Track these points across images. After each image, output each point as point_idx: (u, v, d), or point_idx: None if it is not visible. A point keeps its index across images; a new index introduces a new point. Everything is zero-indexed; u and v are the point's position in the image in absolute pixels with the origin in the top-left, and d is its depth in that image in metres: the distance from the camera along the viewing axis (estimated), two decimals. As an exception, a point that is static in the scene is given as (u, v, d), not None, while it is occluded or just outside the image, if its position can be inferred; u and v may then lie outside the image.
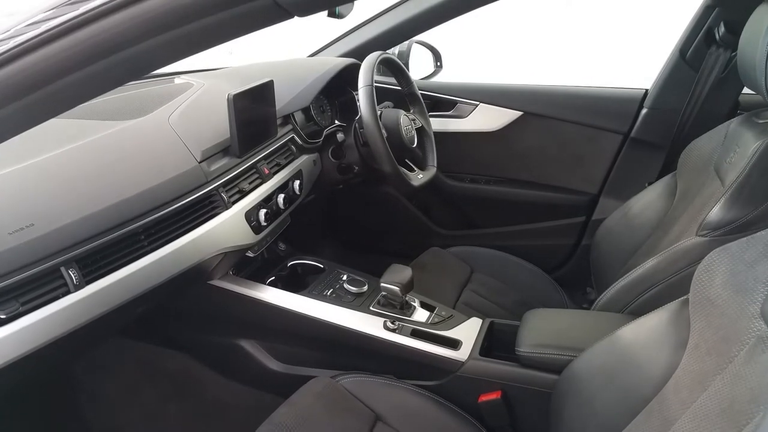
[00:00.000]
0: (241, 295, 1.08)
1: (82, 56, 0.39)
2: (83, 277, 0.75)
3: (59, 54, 0.39)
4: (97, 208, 0.78)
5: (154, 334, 1.23)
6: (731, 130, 1.04)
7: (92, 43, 0.39)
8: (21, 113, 0.42)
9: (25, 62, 0.40)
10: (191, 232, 0.91)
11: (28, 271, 0.69)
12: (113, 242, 0.79)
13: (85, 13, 0.39)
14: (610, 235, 1.27)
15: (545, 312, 1.04)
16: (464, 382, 0.95)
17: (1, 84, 0.39)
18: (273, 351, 1.15)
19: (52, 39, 0.39)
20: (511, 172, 1.61)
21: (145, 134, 0.94)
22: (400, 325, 1.03)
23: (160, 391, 1.23)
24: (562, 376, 0.81)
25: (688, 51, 1.31)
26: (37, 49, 0.39)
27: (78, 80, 0.40)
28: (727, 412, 0.54)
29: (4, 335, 0.66)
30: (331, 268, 1.23)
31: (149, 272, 0.83)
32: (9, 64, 0.39)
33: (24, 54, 0.39)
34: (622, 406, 0.70)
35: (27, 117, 0.44)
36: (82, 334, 0.77)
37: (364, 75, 1.22)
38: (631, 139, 1.45)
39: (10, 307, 0.68)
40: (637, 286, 0.96)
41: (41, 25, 0.39)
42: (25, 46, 0.39)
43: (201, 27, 0.39)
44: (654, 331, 0.73)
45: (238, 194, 1.04)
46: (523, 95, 1.55)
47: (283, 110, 1.23)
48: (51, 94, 0.41)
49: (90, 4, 0.37)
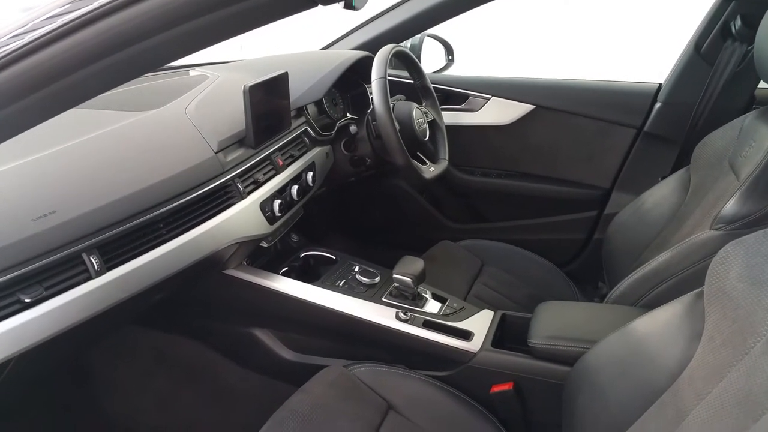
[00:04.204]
0: (255, 284, 1.10)
1: (101, 48, 0.40)
2: (104, 263, 0.76)
3: (78, 46, 0.40)
4: (118, 197, 0.79)
5: (170, 323, 1.25)
6: (747, 125, 1.03)
7: (113, 35, 0.40)
8: (41, 104, 0.43)
9: (43, 55, 0.41)
10: (208, 221, 0.93)
11: (51, 257, 0.71)
12: (133, 230, 0.80)
13: (107, 4, 0.39)
14: (623, 230, 1.26)
15: (558, 304, 1.05)
16: (476, 373, 0.96)
17: (21, 77, 0.40)
18: (286, 340, 1.16)
19: (72, 31, 0.40)
20: (523, 166, 1.61)
21: (163, 125, 0.95)
22: (412, 316, 1.04)
23: (175, 378, 1.25)
24: (575, 368, 0.82)
25: (704, 45, 1.30)
26: (54, 42, 0.40)
27: (98, 71, 0.41)
28: (743, 404, 0.54)
29: (28, 319, 0.68)
30: (343, 260, 1.24)
31: (167, 260, 0.85)
32: (28, 58, 0.40)
33: (42, 47, 0.40)
34: (635, 398, 0.71)
35: (45, 108, 0.45)
36: (102, 320, 0.78)
37: (378, 67, 1.22)
38: (644, 134, 1.45)
39: (34, 291, 0.69)
40: (650, 279, 0.96)
41: (57, 19, 0.40)
42: (43, 40, 0.40)
43: (228, 15, 0.40)
44: (668, 324, 0.73)
45: (253, 185, 1.06)
46: (536, 89, 1.54)
47: (297, 102, 1.24)
48: (69, 86, 0.42)
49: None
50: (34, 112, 0.44)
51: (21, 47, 0.40)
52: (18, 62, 0.41)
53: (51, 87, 0.42)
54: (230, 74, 1.23)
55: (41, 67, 0.40)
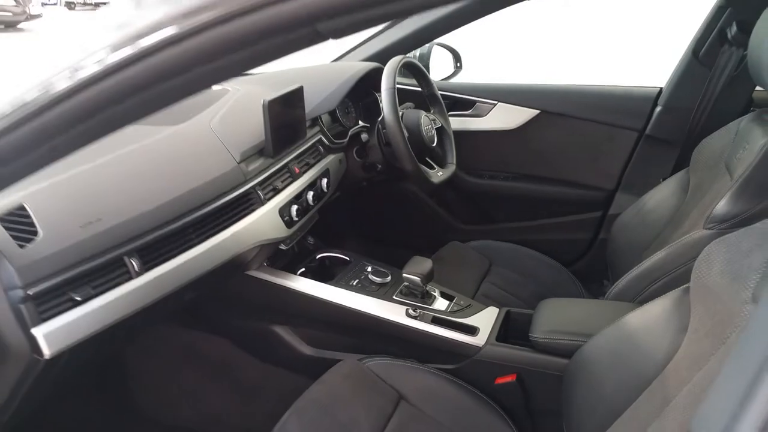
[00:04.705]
0: (275, 284, 1.17)
1: (151, 79, 0.47)
2: (143, 265, 0.85)
3: (129, 80, 0.47)
4: (154, 205, 0.87)
5: (197, 320, 1.33)
6: (742, 127, 1.08)
7: (159, 69, 0.47)
8: (100, 124, 0.51)
9: (106, 84, 0.48)
10: (232, 226, 1.01)
11: (97, 260, 0.79)
12: (167, 235, 0.88)
13: (158, 44, 0.46)
14: (626, 230, 1.31)
15: (558, 301, 1.10)
16: (481, 365, 1.02)
17: (120, 86, 0.46)
18: (304, 336, 1.23)
19: (125, 66, 0.47)
20: (529, 168, 1.66)
21: (191, 138, 1.04)
22: (421, 313, 1.10)
23: (201, 373, 1.33)
24: (573, 359, 0.87)
25: (701, 50, 1.34)
26: (114, 73, 0.48)
27: (144, 100, 0.49)
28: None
29: (79, 315, 0.76)
30: (356, 260, 1.31)
31: (197, 262, 0.93)
32: (126, 69, 0.47)
33: (106, 76, 0.48)
34: (628, 387, 0.75)
35: (103, 128, 0.53)
36: (140, 317, 0.87)
37: (387, 79, 1.29)
38: (645, 136, 1.49)
39: (83, 291, 0.78)
40: (647, 277, 1.01)
41: (142, 42, 0.46)
42: (109, 69, 0.47)
43: (251, 54, 0.47)
44: (658, 317, 0.78)
45: (272, 192, 1.13)
46: (540, 94, 1.59)
47: (312, 113, 1.31)
48: (122, 113, 0.49)
49: (182, 25, 0.44)
50: (93, 132, 0.51)
51: (114, 64, 0.46)
52: (81, 92, 0.48)
53: (106, 112, 0.49)
54: (250, 87, 1.32)
55: (106, 93, 0.47)
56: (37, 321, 0.73)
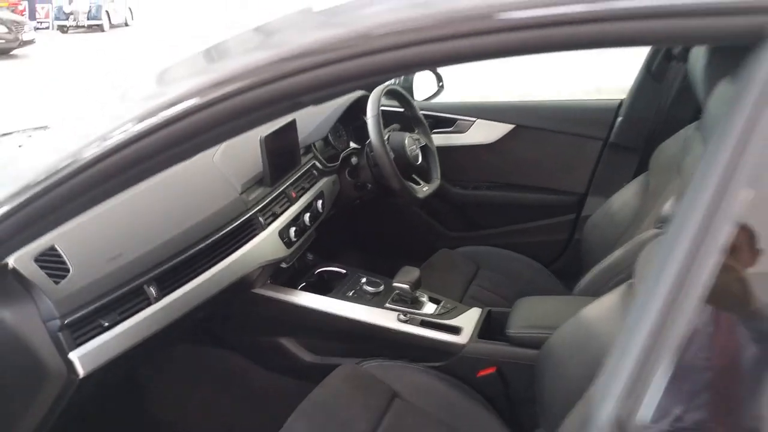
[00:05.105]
0: (278, 299, 1.29)
1: (183, 137, 0.59)
2: (160, 291, 0.97)
3: (163, 139, 0.58)
4: (166, 238, 1.00)
5: (208, 337, 1.45)
6: (690, 134, 1.20)
7: (189, 131, 0.58)
8: (134, 175, 0.62)
9: (142, 144, 0.60)
10: (237, 251, 1.13)
11: (121, 290, 0.91)
12: (180, 263, 1.01)
13: (187, 110, 0.58)
14: (596, 230, 1.43)
15: (533, 299, 1.22)
16: (465, 361, 1.13)
17: (185, 129, 0.56)
18: (307, 345, 1.34)
19: (158, 129, 0.58)
20: (508, 178, 1.79)
21: (196, 173, 1.16)
22: (411, 317, 1.22)
23: (212, 384, 1.44)
24: (542, 350, 0.98)
25: (653, 66, 1.48)
26: (148, 136, 0.59)
27: (168, 157, 0.61)
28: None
29: (109, 338, 0.88)
30: (352, 272, 1.43)
31: (207, 285, 1.05)
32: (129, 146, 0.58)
33: (143, 137, 0.59)
34: (588, 371, 0.85)
35: (135, 179, 0.64)
36: (159, 337, 0.98)
37: (371, 107, 1.43)
38: (610, 144, 1.62)
39: (111, 317, 0.90)
40: (607, 273, 1.13)
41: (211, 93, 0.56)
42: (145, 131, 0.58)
43: (251, 119, 0.59)
44: (609, 309, 0.89)
45: (272, 217, 1.26)
46: (515, 110, 1.73)
47: (305, 141, 1.44)
48: (152, 166, 0.62)
49: (224, 89, 0.55)
50: (127, 182, 0.63)
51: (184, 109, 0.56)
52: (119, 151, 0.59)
53: (139, 167, 0.61)
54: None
55: (143, 151, 0.58)
56: (72, 346, 0.84)
